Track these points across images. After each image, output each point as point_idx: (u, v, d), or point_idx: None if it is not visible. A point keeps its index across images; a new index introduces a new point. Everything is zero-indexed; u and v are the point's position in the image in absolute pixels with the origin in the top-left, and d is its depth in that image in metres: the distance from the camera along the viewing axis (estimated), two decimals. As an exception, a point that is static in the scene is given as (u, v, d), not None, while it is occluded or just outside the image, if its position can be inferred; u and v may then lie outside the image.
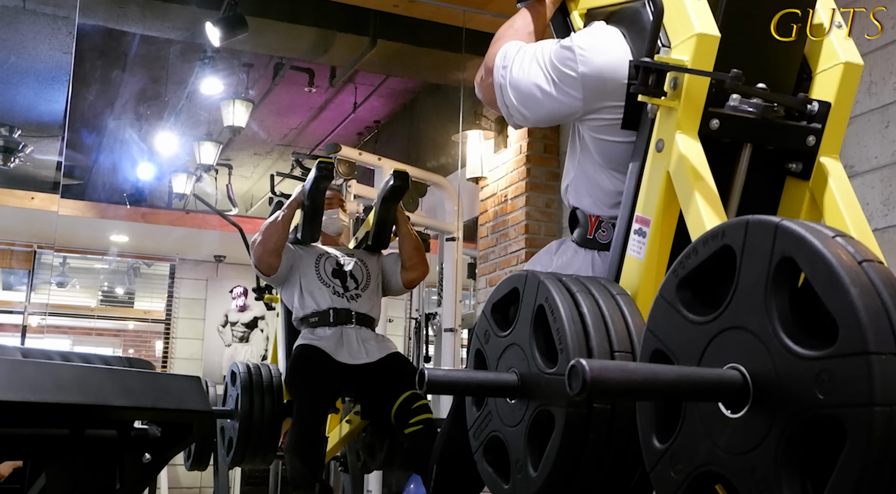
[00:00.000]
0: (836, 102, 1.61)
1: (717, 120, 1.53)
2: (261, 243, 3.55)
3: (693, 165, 1.47)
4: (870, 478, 0.95)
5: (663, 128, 1.54)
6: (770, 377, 1.06)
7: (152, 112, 7.37)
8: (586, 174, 1.77)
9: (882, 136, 3.33)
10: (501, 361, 1.54)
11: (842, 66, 1.62)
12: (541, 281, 1.47)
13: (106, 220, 7.49)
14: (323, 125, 7.65)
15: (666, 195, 1.53)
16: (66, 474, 1.79)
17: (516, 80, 1.74)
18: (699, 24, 1.51)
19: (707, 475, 1.15)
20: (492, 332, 1.59)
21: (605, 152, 1.72)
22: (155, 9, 4.88)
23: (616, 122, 1.66)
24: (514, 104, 1.76)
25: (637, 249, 1.57)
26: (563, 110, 1.71)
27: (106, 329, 11.05)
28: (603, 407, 1.38)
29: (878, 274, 1.01)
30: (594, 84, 1.65)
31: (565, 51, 1.68)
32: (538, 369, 1.43)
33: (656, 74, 1.51)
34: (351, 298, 3.59)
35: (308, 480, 3.23)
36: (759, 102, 1.54)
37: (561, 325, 1.39)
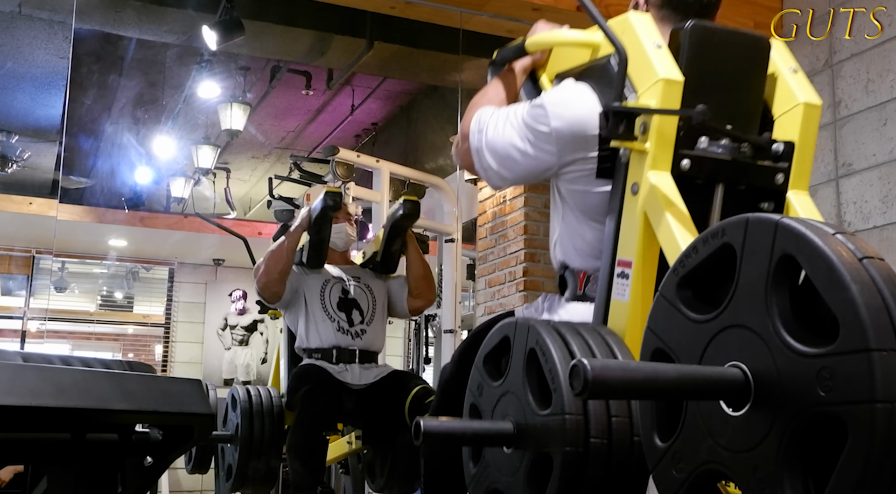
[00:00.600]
0: (800, 140, 1.68)
1: (688, 160, 1.59)
2: (265, 273, 3.50)
3: (664, 194, 1.53)
4: (872, 475, 0.95)
5: (636, 171, 1.60)
6: (771, 375, 1.06)
7: (150, 116, 7.37)
8: (570, 228, 1.82)
9: (880, 133, 3.33)
10: (496, 411, 1.53)
11: (801, 106, 1.69)
12: (531, 326, 1.48)
13: (104, 224, 7.49)
14: (321, 128, 7.65)
15: (645, 235, 1.58)
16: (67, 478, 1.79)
17: (492, 142, 1.80)
18: (662, 70, 1.58)
19: (709, 473, 1.15)
20: (485, 384, 1.58)
21: (583, 204, 1.77)
22: (151, 13, 4.88)
23: (591, 172, 1.71)
24: (492, 166, 1.81)
25: (621, 292, 1.61)
26: (540, 166, 1.76)
27: (105, 334, 11.03)
28: (600, 442, 1.37)
29: (878, 271, 1.01)
30: (567, 137, 1.70)
31: (536, 109, 1.74)
32: (533, 413, 1.43)
33: (626, 118, 1.58)
34: (356, 334, 3.55)
35: (309, 482, 3.23)
36: (727, 142, 1.61)
37: (553, 365, 1.39)
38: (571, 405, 1.35)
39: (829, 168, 3.53)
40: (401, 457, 3.47)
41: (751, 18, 3.77)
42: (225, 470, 3.65)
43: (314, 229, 3.56)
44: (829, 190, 3.52)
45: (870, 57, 3.39)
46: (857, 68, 3.44)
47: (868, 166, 3.36)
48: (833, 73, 3.55)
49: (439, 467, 2.00)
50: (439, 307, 5.53)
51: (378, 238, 3.83)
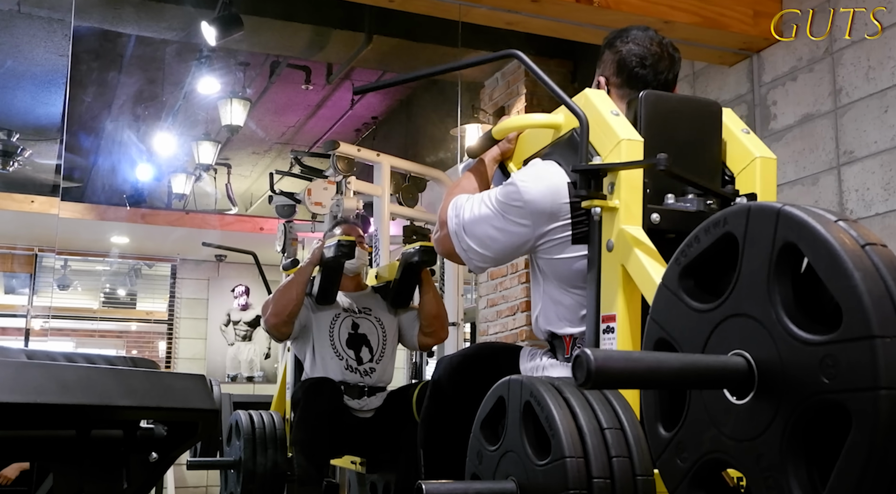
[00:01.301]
0: (762, 191, 1.80)
1: (657, 215, 1.70)
2: (273, 314, 3.47)
3: (634, 236, 1.63)
4: (875, 462, 0.95)
5: (609, 228, 1.69)
6: (775, 363, 1.06)
7: (150, 113, 7.36)
8: (552, 299, 1.88)
9: (881, 121, 3.33)
10: (497, 473, 1.53)
11: (758, 161, 1.81)
12: (523, 382, 1.49)
13: (106, 222, 7.49)
14: (321, 123, 7.64)
15: (626, 286, 1.64)
16: (72, 475, 1.79)
17: (469, 223, 1.89)
18: (622, 132, 1.69)
19: (713, 462, 1.15)
20: (484, 450, 1.58)
21: (561, 272, 1.84)
22: (150, 9, 4.87)
23: (566, 240, 1.80)
24: (471, 247, 1.90)
25: (609, 346, 1.66)
26: (518, 240, 1.85)
27: (109, 331, 11.05)
28: (603, 482, 1.36)
29: (881, 258, 1.01)
30: (539, 209, 1.80)
31: (509, 186, 1.84)
32: (533, 466, 1.42)
33: (594, 177, 1.68)
34: (364, 373, 3.52)
35: (314, 477, 3.24)
36: (693, 197, 1.72)
37: (549, 412, 1.39)
38: (571, 448, 1.35)
39: (830, 156, 3.52)
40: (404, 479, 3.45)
41: (750, 7, 3.76)
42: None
43: (325, 274, 3.51)
44: (830, 178, 3.51)
45: (870, 45, 3.39)
46: (858, 56, 3.43)
47: (869, 154, 3.36)
48: (833, 61, 3.54)
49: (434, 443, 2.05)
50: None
51: (393, 267, 3.74)
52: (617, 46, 1.90)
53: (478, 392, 1.66)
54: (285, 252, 4.50)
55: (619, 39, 1.91)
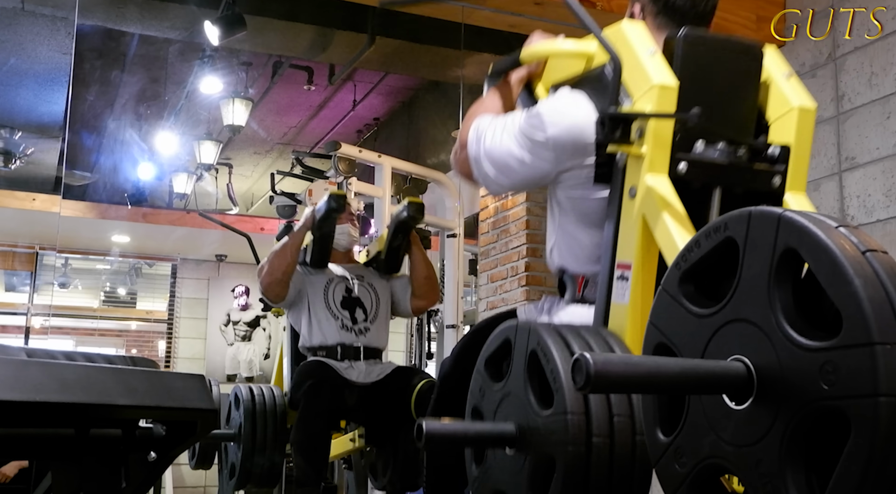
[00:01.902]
0: (796, 144, 1.71)
1: (684, 164, 1.61)
2: (268, 273, 3.50)
3: (665, 199, 1.55)
4: (875, 469, 0.95)
5: (633, 175, 1.62)
6: (774, 368, 1.06)
7: (152, 112, 7.36)
8: (567, 234, 1.84)
9: (883, 127, 3.33)
10: (498, 413, 1.54)
11: (796, 110, 1.72)
12: (531, 328, 1.48)
13: (107, 220, 7.49)
14: (322, 123, 7.64)
15: (643, 237, 1.59)
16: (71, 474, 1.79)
17: (490, 150, 1.83)
18: (657, 76, 1.60)
19: (712, 467, 1.15)
20: (486, 386, 1.59)
21: (580, 210, 1.79)
22: (153, 8, 4.87)
23: (588, 178, 1.73)
24: (490, 174, 1.84)
25: (621, 294, 1.62)
26: (537, 174, 1.79)
27: (109, 330, 11.06)
28: (602, 441, 1.37)
29: (881, 264, 1.01)
30: (563, 145, 1.73)
31: (533, 118, 1.77)
32: (535, 414, 1.43)
33: (622, 123, 1.59)
34: (359, 332, 3.55)
35: (312, 478, 3.24)
36: (723, 146, 1.63)
37: (554, 365, 1.39)
38: (573, 404, 1.35)
39: (832, 162, 3.52)
40: (403, 456, 3.47)
41: (753, 12, 3.77)
42: (228, 469, 3.65)
43: (317, 230, 3.56)
44: (832, 184, 3.51)
45: (873, 51, 3.39)
46: (861, 62, 3.43)
47: (871, 160, 3.36)
48: (836, 67, 3.54)
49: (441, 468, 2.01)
50: (441, 303, 5.53)
51: (382, 238, 3.82)
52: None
53: None
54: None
55: None
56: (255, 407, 3.52)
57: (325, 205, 3.50)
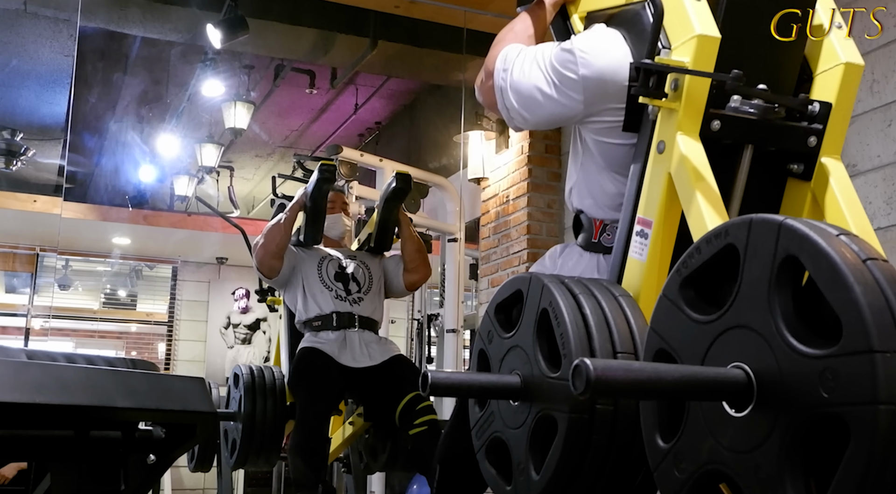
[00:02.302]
0: (837, 102, 1.61)
1: (718, 121, 1.53)
2: (262, 246, 3.55)
3: (695, 166, 1.47)
4: (873, 477, 0.95)
5: (664, 129, 1.54)
6: (774, 375, 1.06)
7: (154, 114, 7.38)
8: (589, 177, 1.78)
9: (885, 134, 3.33)
10: (504, 362, 1.54)
11: (842, 66, 1.62)
12: (544, 285, 1.47)
13: (108, 222, 7.50)
14: (324, 127, 7.65)
15: (667, 197, 1.53)
16: (70, 475, 1.79)
17: (517, 82, 1.75)
18: (699, 25, 1.51)
19: (711, 473, 1.15)
20: (495, 333, 1.59)
21: (606, 155, 1.73)
22: (155, 11, 4.88)
23: (617, 124, 1.66)
24: (514, 107, 1.76)
25: (639, 250, 1.57)
26: (564, 113, 1.72)
27: (108, 332, 11.05)
28: (605, 408, 1.38)
29: (882, 272, 1.01)
30: (595, 86, 1.65)
31: (566, 53, 1.68)
32: (541, 373, 1.44)
33: (657, 75, 1.51)
34: (354, 301, 3.58)
35: (311, 481, 3.24)
36: (759, 102, 1.54)
37: (565, 330, 1.39)
38: None
39: (832, 169, 3.52)
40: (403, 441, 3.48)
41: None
42: (229, 447, 3.66)
43: (310, 201, 3.58)
44: (832, 191, 3.51)
45: (875, 58, 3.39)
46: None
47: (872, 168, 3.36)
48: (837, 73, 3.55)
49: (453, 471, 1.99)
50: (442, 307, 5.53)
51: (371, 222, 3.85)
52: None
53: None
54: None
55: None
56: (255, 385, 3.53)
57: (317, 175, 3.53)
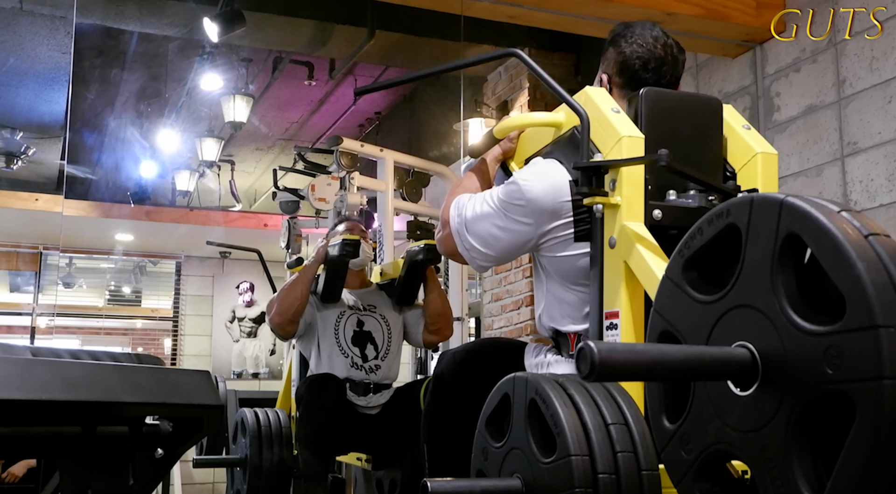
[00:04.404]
0: (763, 187, 1.79)
1: (659, 211, 1.70)
2: (278, 312, 3.48)
3: (635, 231, 1.63)
4: (880, 452, 0.95)
5: (612, 225, 1.68)
6: (778, 354, 1.06)
7: (153, 110, 7.37)
8: (555, 297, 1.88)
9: (885, 111, 3.32)
10: (503, 470, 1.53)
11: (759, 156, 1.80)
12: (528, 379, 1.49)
13: (110, 219, 7.50)
14: (324, 118, 7.64)
15: (628, 283, 1.63)
16: (79, 472, 1.80)
17: (472, 222, 1.89)
18: (623, 129, 1.68)
19: (718, 453, 1.15)
20: (489, 447, 1.58)
21: (564, 270, 1.84)
22: (152, 6, 4.87)
23: (569, 237, 1.80)
24: (473, 246, 1.90)
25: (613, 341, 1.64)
26: (520, 239, 1.84)
27: (114, 329, 11.09)
28: (608, 477, 1.36)
29: (884, 248, 1.01)
30: (542, 208, 1.79)
31: (511, 185, 1.84)
32: (539, 463, 1.42)
33: (595, 174, 1.67)
34: (370, 370, 3.52)
35: (319, 471, 3.24)
36: (695, 193, 1.71)
37: (554, 410, 1.39)
38: (576, 446, 1.35)
39: (834, 147, 3.51)
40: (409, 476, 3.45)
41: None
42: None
43: (329, 272, 3.52)
44: (834, 169, 3.50)
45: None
46: (861, 47, 3.42)
47: (873, 144, 3.35)
48: (837, 51, 3.53)
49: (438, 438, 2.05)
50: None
51: (397, 264, 3.73)
52: (621, 46, 1.89)
53: (481, 388, 1.66)
54: (289, 248, 4.51)
55: (624, 38, 1.90)
56: (261, 432, 3.52)
57: (339, 250, 3.44)
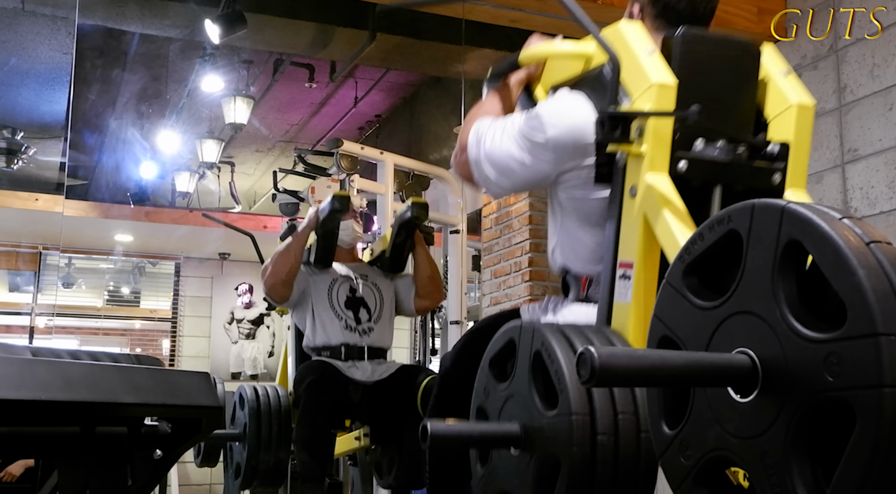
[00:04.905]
0: (795, 141, 1.71)
1: (684, 162, 1.62)
2: (272, 274, 3.51)
3: (667, 199, 1.56)
4: (880, 460, 0.95)
5: (634, 174, 1.62)
6: (779, 360, 1.06)
7: (154, 111, 7.37)
8: (569, 234, 1.84)
9: (885, 118, 3.32)
10: (503, 413, 1.54)
11: (794, 108, 1.72)
12: (535, 329, 1.48)
13: (110, 220, 7.49)
14: (324, 120, 7.64)
15: (645, 236, 1.60)
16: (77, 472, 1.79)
17: (490, 152, 1.83)
18: (655, 75, 1.61)
19: (717, 460, 1.15)
20: (491, 386, 1.59)
21: (582, 210, 1.80)
22: (154, 7, 4.87)
23: (588, 179, 1.74)
24: (490, 176, 1.85)
25: (623, 293, 1.62)
26: (538, 175, 1.80)
27: (113, 329, 11.07)
28: (607, 439, 1.37)
29: (885, 255, 1.01)
30: (563, 146, 1.73)
31: (532, 119, 1.77)
32: (539, 414, 1.43)
33: (622, 122, 1.60)
34: (363, 332, 3.55)
35: (317, 474, 3.24)
36: (723, 144, 1.64)
37: (558, 366, 1.40)
38: (578, 404, 1.36)
39: (834, 154, 3.51)
40: (408, 454, 3.46)
41: (754, 5, 3.76)
42: (234, 469, 3.66)
43: (321, 232, 3.56)
44: (834, 176, 3.51)
45: (875, 42, 3.38)
46: (863, 53, 3.43)
47: (874, 151, 3.35)
48: (838, 58, 3.54)
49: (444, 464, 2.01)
50: (445, 299, 5.52)
51: (386, 237, 3.81)
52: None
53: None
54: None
55: None
56: (260, 407, 3.52)
57: (329, 206, 3.50)
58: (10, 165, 6.35)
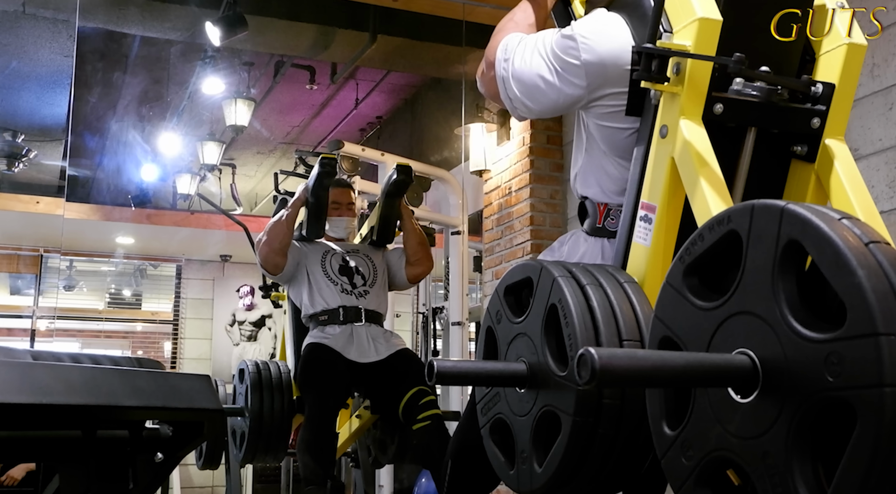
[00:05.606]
0: (840, 83, 1.60)
1: (720, 104, 1.52)
2: (266, 243, 3.56)
3: (698, 151, 1.47)
4: (881, 459, 0.95)
5: (667, 114, 1.54)
6: (779, 361, 1.06)
7: (155, 113, 7.37)
8: (593, 162, 1.77)
9: (886, 118, 3.32)
10: (512, 346, 1.55)
11: (845, 47, 1.61)
12: (555, 279, 1.46)
13: (111, 222, 7.50)
14: (325, 122, 7.65)
15: (671, 181, 1.52)
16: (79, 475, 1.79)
17: (519, 71, 1.73)
18: (701, 8, 1.50)
19: (718, 460, 1.15)
20: (504, 315, 1.59)
21: (610, 140, 1.72)
22: (154, 10, 4.88)
23: (620, 108, 1.65)
24: (517, 96, 1.75)
25: (643, 235, 1.57)
26: (567, 100, 1.71)
27: (114, 332, 11.07)
28: (612, 404, 1.38)
29: (885, 255, 1.01)
30: (597, 71, 1.64)
31: (567, 40, 1.67)
32: (548, 367, 1.44)
33: (659, 59, 1.49)
34: (359, 295, 3.59)
35: (320, 476, 3.24)
36: (762, 85, 1.52)
37: (573, 330, 1.40)
38: None
39: (835, 154, 3.51)
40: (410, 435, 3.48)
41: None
42: (237, 443, 3.67)
43: (311, 196, 3.58)
44: (835, 176, 3.50)
45: (875, 42, 3.38)
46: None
47: (874, 151, 3.35)
48: (838, 58, 3.54)
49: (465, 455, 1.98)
50: (447, 300, 5.52)
51: (374, 214, 3.86)
52: None
53: None
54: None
55: None
56: (262, 380, 3.54)
57: (317, 169, 3.53)
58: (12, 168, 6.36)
